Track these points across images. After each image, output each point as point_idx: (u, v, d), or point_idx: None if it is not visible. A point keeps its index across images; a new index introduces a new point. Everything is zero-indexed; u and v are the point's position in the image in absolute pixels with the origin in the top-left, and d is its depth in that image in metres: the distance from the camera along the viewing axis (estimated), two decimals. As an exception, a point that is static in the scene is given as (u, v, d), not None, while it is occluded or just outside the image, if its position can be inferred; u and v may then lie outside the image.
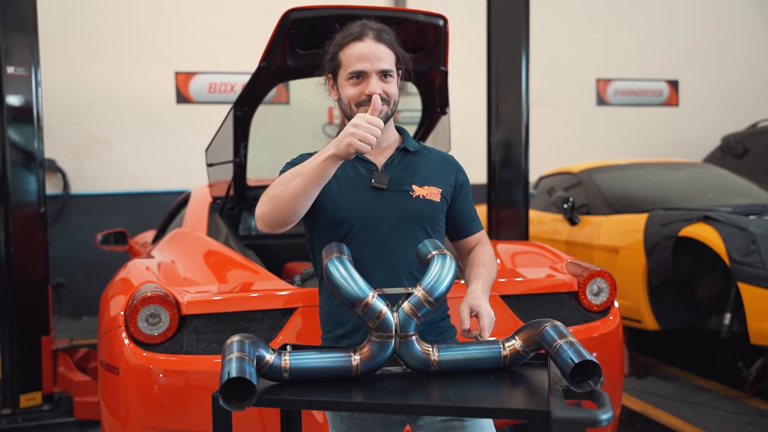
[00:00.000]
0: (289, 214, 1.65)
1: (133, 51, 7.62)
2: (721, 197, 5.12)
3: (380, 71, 1.76)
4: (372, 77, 1.75)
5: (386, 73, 1.77)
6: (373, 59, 1.75)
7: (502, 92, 4.36)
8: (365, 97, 1.75)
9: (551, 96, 8.76)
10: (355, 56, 1.76)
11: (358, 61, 1.76)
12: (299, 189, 1.62)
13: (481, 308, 1.72)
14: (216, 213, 3.54)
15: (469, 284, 1.84)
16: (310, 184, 1.62)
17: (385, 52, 1.78)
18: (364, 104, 1.75)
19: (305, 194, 1.63)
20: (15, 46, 3.94)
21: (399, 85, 1.85)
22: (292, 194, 1.63)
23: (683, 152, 8.78)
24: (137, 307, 2.40)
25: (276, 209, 1.65)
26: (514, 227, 4.41)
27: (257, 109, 3.18)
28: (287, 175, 1.66)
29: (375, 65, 1.75)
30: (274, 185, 1.68)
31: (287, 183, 1.64)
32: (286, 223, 1.68)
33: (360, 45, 1.76)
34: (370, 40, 1.77)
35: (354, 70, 1.76)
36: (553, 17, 8.55)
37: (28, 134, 4.02)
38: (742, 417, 3.96)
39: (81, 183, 7.57)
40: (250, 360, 1.41)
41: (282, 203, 1.64)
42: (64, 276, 7.29)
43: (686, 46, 9.41)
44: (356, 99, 1.77)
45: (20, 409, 3.97)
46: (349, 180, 1.82)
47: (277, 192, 1.65)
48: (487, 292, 1.82)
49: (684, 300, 4.47)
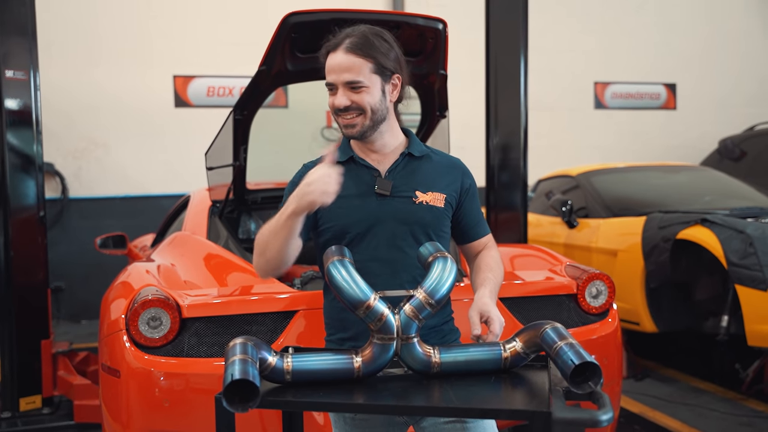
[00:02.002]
0: (281, 264, 1.80)
1: (132, 55, 7.62)
2: (718, 200, 5.14)
3: (345, 83, 1.76)
4: (338, 89, 1.78)
5: (353, 84, 1.76)
6: (340, 71, 1.76)
7: (501, 96, 4.38)
8: (336, 107, 1.79)
9: (549, 100, 8.78)
10: (329, 68, 1.79)
11: (329, 74, 1.79)
12: (279, 244, 1.75)
13: (491, 313, 1.73)
14: (216, 216, 3.54)
15: (477, 290, 1.85)
16: (288, 238, 1.74)
17: (356, 63, 1.75)
18: (338, 114, 1.80)
19: (287, 246, 1.75)
20: (13, 50, 3.93)
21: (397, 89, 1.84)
22: (277, 250, 1.76)
23: (681, 155, 8.80)
24: (138, 310, 2.40)
25: (269, 263, 1.80)
26: (513, 230, 4.42)
27: (257, 112, 3.19)
28: (264, 231, 1.78)
29: (340, 77, 1.76)
30: (259, 243, 1.80)
31: (269, 241, 1.76)
32: (283, 269, 1.82)
33: (333, 57, 1.78)
34: (341, 51, 1.76)
35: (326, 81, 1.80)
36: (551, 21, 8.58)
37: (27, 138, 4.02)
38: (739, 418, 3.97)
39: (79, 187, 7.57)
40: (253, 362, 1.43)
41: (271, 258, 1.78)
42: (63, 280, 7.29)
43: (684, 50, 9.44)
44: (332, 110, 1.81)
45: (20, 412, 3.96)
46: (353, 187, 1.83)
47: (262, 249, 1.79)
48: (495, 297, 1.82)
49: (682, 302, 4.49)
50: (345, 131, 1.83)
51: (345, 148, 1.90)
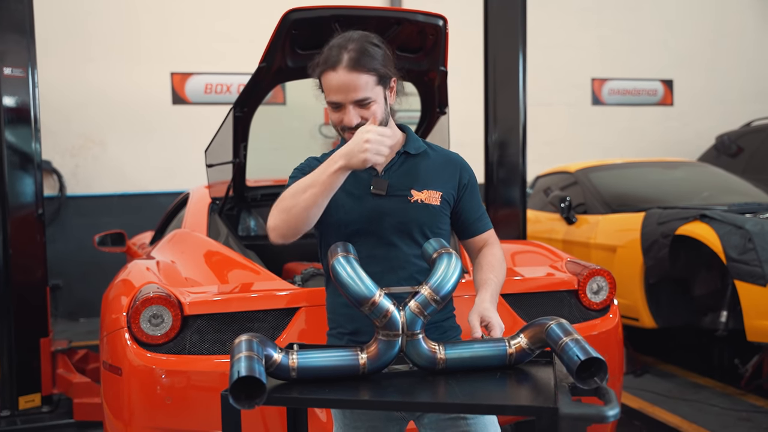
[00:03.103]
0: (302, 225, 1.71)
1: (129, 52, 7.60)
2: (716, 196, 5.15)
3: (355, 102, 1.74)
4: (348, 108, 1.74)
5: (362, 102, 1.74)
6: (347, 91, 1.72)
7: (500, 92, 4.37)
8: (346, 126, 1.75)
9: (547, 96, 8.78)
10: (332, 87, 1.74)
11: (334, 93, 1.74)
12: (311, 201, 1.67)
13: (492, 319, 1.72)
14: (215, 214, 3.53)
15: (478, 291, 1.83)
16: (321, 196, 1.67)
17: (361, 80, 1.72)
18: (347, 131, 1.76)
19: (316, 205, 1.68)
20: (11, 48, 3.92)
21: (393, 91, 1.83)
22: (304, 206, 1.68)
23: (678, 151, 8.82)
24: (139, 308, 2.40)
25: (289, 221, 1.70)
26: (512, 227, 4.42)
27: (257, 109, 3.19)
28: (297, 187, 1.70)
29: (349, 97, 1.73)
30: (285, 198, 1.72)
31: (298, 195, 1.68)
32: (299, 233, 1.73)
33: (332, 75, 1.73)
34: (343, 70, 1.71)
35: (330, 101, 1.76)
36: (548, 18, 8.58)
37: (25, 136, 4.01)
38: (738, 413, 3.99)
39: (77, 184, 7.55)
40: (259, 359, 1.42)
41: (295, 215, 1.69)
42: (61, 278, 7.28)
43: (681, 46, 9.46)
44: (338, 126, 1.78)
45: (19, 411, 3.96)
46: (350, 186, 1.82)
47: (288, 205, 1.70)
48: (496, 299, 1.81)
49: (681, 298, 4.49)
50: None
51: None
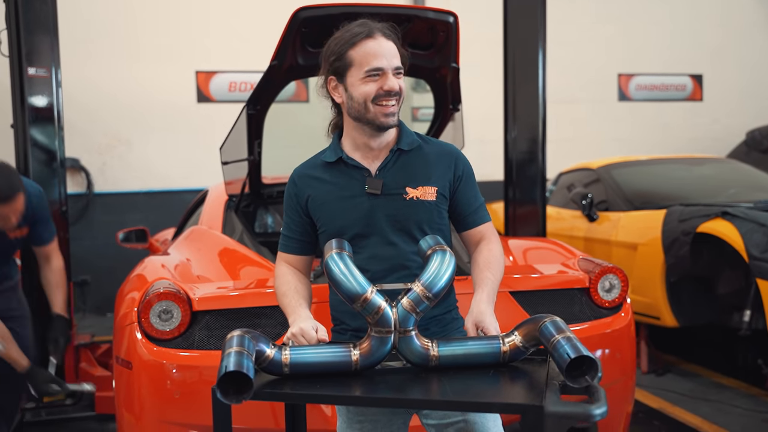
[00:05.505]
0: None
1: (155, 51, 7.71)
2: (743, 193, 5.05)
3: (395, 68, 1.78)
4: (389, 73, 1.77)
5: (399, 70, 1.79)
6: (388, 56, 1.77)
7: (519, 89, 4.35)
8: (383, 92, 1.76)
9: (573, 92, 8.69)
10: (371, 53, 1.76)
11: (374, 59, 1.76)
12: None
13: (485, 323, 1.70)
14: (231, 211, 3.57)
15: (475, 290, 1.81)
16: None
17: (395, 50, 1.80)
18: (381, 98, 1.77)
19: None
20: (36, 48, 3.99)
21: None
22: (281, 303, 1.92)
23: (707, 148, 8.66)
24: (150, 303, 2.44)
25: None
26: (532, 224, 4.40)
27: (270, 107, 3.21)
28: (278, 289, 1.96)
29: (390, 62, 1.77)
30: (276, 285, 1.98)
31: (278, 295, 1.95)
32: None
33: (372, 43, 1.77)
34: (381, 37, 1.78)
35: (372, 67, 1.76)
36: (572, 12, 8.49)
37: (49, 134, 4.09)
38: (762, 415, 3.91)
39: (104, 182, 7.68)
40: (249, 354, 1.44)
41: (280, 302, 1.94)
42: (89, 273, 7.40)
43: (710, 39, 9.27)
44: (374, 94, 1.77)
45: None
46: (344, 188, 1.84)
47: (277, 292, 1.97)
48: (493, 298, 1.79)
49: (703, 296, 4.42)
50: (384, 120, 1.79)
51: (335, 148, 1.89)
